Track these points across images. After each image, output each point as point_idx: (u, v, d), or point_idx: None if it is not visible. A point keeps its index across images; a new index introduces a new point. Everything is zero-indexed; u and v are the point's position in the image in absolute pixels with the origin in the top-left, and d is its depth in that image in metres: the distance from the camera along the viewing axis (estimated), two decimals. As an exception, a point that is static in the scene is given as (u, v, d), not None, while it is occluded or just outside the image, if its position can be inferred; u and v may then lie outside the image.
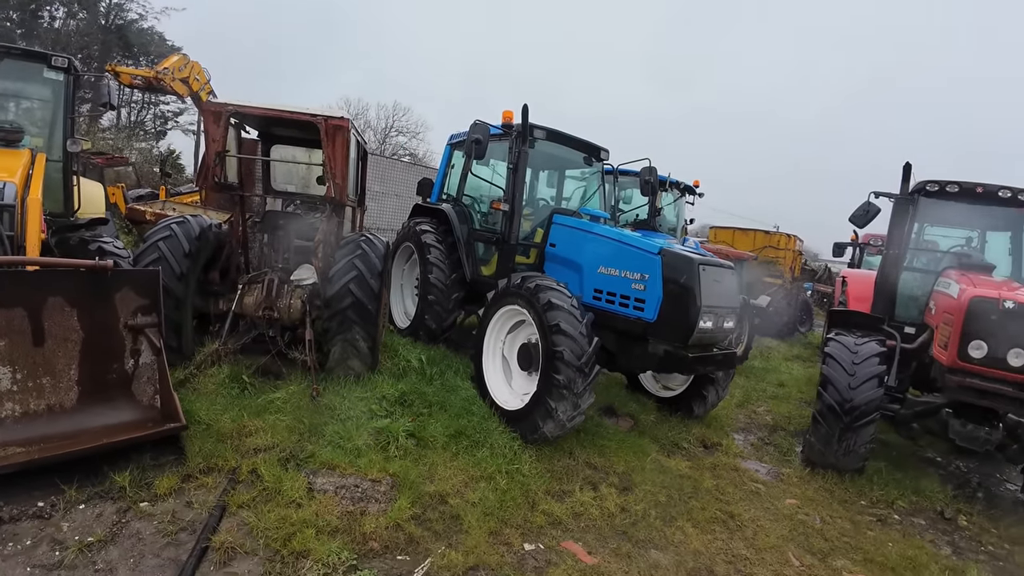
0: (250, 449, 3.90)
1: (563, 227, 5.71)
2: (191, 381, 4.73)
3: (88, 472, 3.29)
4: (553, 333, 4.33)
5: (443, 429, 4.48)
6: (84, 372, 3.80)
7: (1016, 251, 6.27)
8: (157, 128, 29.75)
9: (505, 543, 3.35)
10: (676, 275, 4.58)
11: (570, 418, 4.37)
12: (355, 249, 5.03)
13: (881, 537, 4.28)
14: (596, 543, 3.55)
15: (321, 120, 4.93)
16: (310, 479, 3.64)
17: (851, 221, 6.49)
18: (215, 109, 4.97)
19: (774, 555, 3.77)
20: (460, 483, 3.87)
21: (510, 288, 4.90)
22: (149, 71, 12.29)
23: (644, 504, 4.07)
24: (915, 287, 6.46)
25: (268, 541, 3.01)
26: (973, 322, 4.69)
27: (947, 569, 3.89)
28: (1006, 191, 5.83)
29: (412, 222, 7.00)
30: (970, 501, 5.17)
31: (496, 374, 5.14)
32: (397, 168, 13.58)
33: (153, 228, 5.19)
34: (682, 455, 5.21)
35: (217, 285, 5.52)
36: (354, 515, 3.33)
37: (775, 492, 4.80)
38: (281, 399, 4.58)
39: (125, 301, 4.01)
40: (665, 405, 6.15)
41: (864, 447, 5.03)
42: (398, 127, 36.45)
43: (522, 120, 5.54)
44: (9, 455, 3.21)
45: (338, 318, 4.87)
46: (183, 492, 3.36)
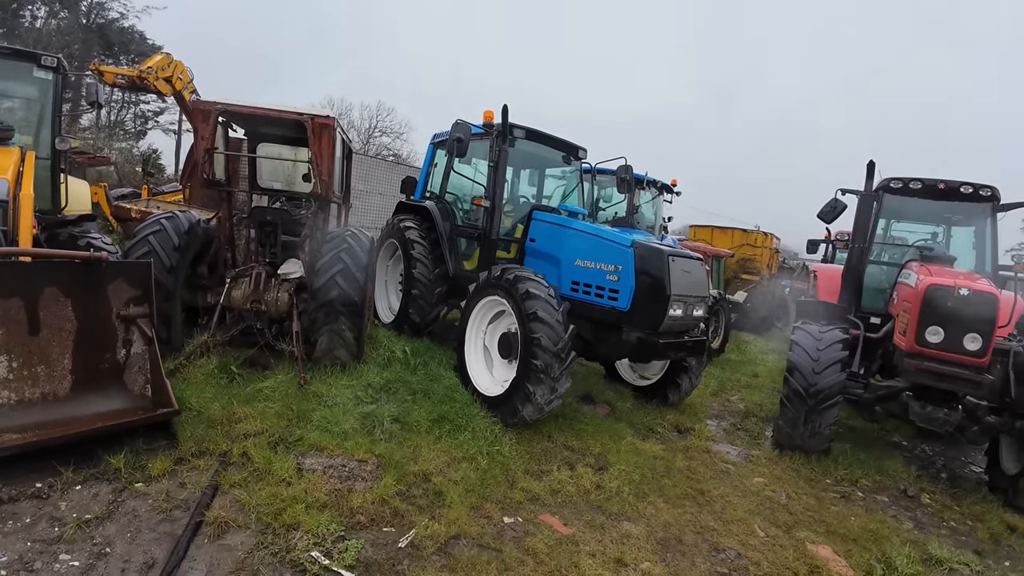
0: (240, 434, 4.04)
1: (542, 223, 5.92)
2: (181, 371, 4.86)
3: (84, 455, 3.41)
4: (531, 321, 4.54)
5: (427, 414, 4.66)
6: (77, 361, 3.91)
7: (979, 245, 6.55)
8: (137, 127, 29.54)
9: (486, 516, 3.54)
10: (647, 266, 4.82)
11: (548, 401, 4.58)
12: (341, 243, 5.20)
13: (844, 512, 4.52)
14: (572, 516, 3.75)
15: (308, 119, 5.09)
16: (299, 460, 3.80)
17: (819, 217, 6.76)
18: (204, 108, 5.10)
19: (741, 527, 4.00)
20: (443, 463, 4.05)
21: (490, 280, 5.10)
22: (133, 70, 12.28)
23: (618, 482, 4.28)
24: (881, 279, 6.76)
25: (260, 516, 3.16)
26: (930, 309, 4.95)
27: (908, 541, 4.10)
28: (967, 187, 6.12)
29: (396, 219, 7.17)
30: (934, 481, 5.44)
31: (478, 363, 5.33)
32: (381, 167, 13.71)
33: (142, 223, 5.31)
34: (656, 439, 5.44)
35: (205, 279, 5.65)
36: (342, 492, 3.50)
37: (744, 471, 5.04)
38: (269, 388, 4.73)
39: (118, 292, 4.14)
40: (641, 393, 6.38)
41: (828, 429, 5.29)
42: (382, 127, 36.45)
43: (502, 119, 5.75)
44: (5, 440, 3.30)
45: (325, 309, 5.03)
46: (176, 474, 3.49)
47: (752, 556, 3.64)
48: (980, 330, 4.79)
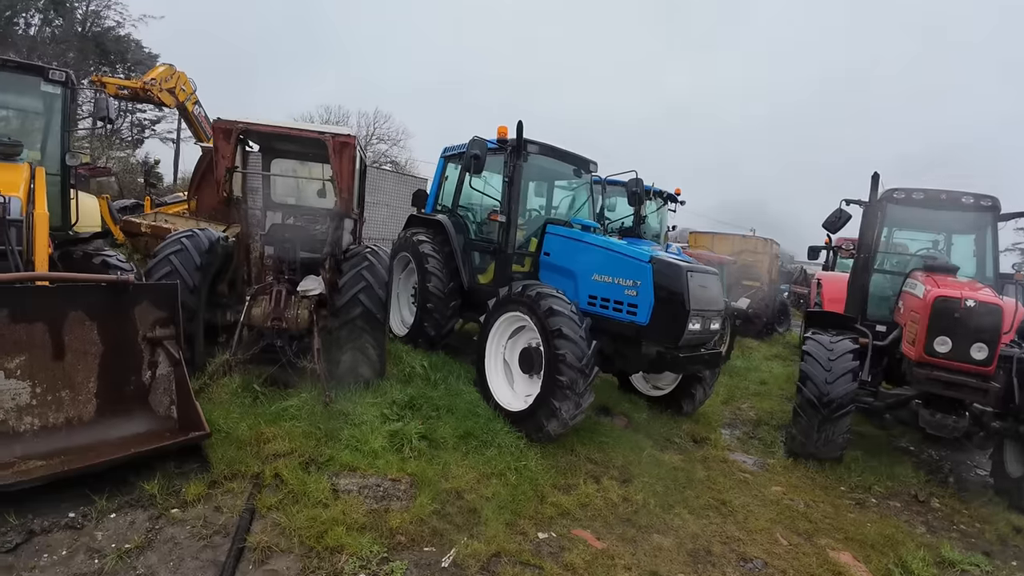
0: (270, 455, 4.07)
1: (557, 236, 6.00)
2: (204, 391, 4.88)
3: (116, 482, 3.40)
4: (555, 337, 4.62)
5: (452, 431, 4.72)
6: (102, 384, 3.90)
7: (980, 253, 6.73)
8: (134, 136, 29.36)
9: (521, 532, 3.62)
10: (666, 282, 4.92)
11: (572, 416, 4.67)
12: (362, 261, 5.25)
13: (860, 518, 4.64)
14: (603, 530, 3.84)
15: (329, 137, 5.15)
16: (333, 481, 3.85)
17: (824, 227, 6.91)
18: (226, 126, 5.14)
19: (764, 536, 4.11)
20: (473, 480, 4.12)
21: (511, 296, 5.18)
22: (136, 82, 12.30)
23: (643, 494, 4.38)
24: (885, 288, 6.91)
25: (302, 539, 3.19)
26: (938, 319, 5.10)
27: (922, 545, 4.26)
28: (968, 197, 6.29)
29: (408, 232, 7.23)
30: (942, 485, 5.59)
31: (498, 377, 5.41)
32: (388, 179, 13.76)
33: (163, 242, 5.33)
34: (674, 449, 5.54)
35: (225, 297, 5.68)
36: (379, 512, 3.56)
37: (762, 480, 5.15)
38: (294, 407, 4.76)
39: (144, 314, 4.15)
40: (655, 404, 6.48)
41: (842, 437, 5.41)
42: (379, 135, 36.46)
43: (517, 135, 5.84)
44: (30, 468, 3.29)
45: (348, 327, 5.08)
46: (211, 498, 3.50)
47: (778, 565, 3.75)
48: (986, 340, 4.95)
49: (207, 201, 10.17)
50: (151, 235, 9.04)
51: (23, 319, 3.58)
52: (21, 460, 3.36)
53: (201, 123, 13.02)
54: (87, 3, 27.93)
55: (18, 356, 3.58)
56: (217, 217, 9.59)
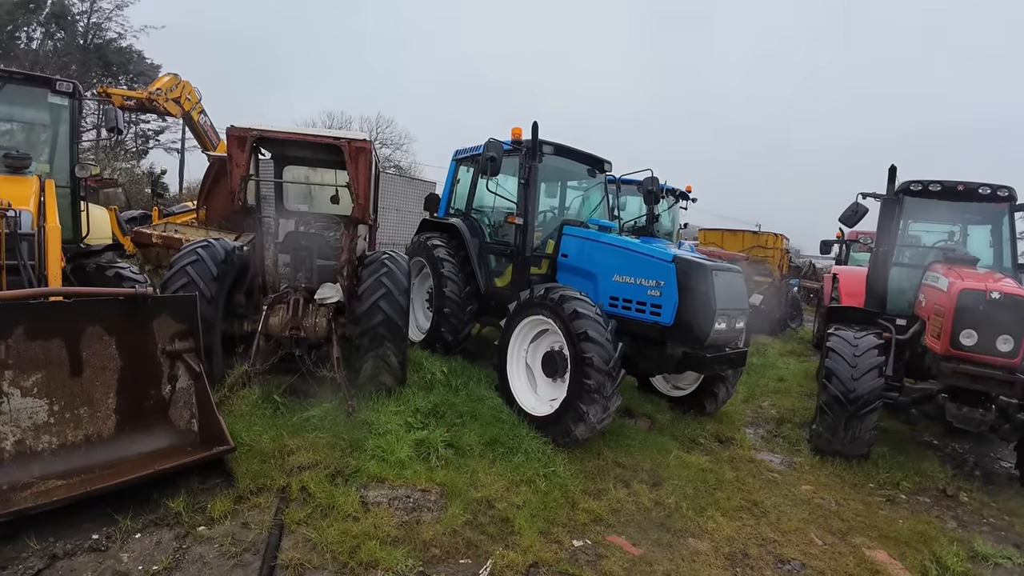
0: (295, 467, 4.01)
1: (575, 238, 5.94)
2: (224, 404, 4.82)
3: (138, 500, 3.33)
4: (581, 340, 4.56)
5: (478, 438, 4.67)
6: (121, 400, 3.83)
7: (996, 243, 6.67)
8: (138, 147, 29.40)
9: (556, 541, 3.57)
10: (691, 281, 4.86)
11: (600, 420, 4.61)
12: (380, 267, 5.19)
13: (892, 515, 4.58)
14: (638, 536, 3.78)
15: (345, 143, 5.09)
16: (361, 493, 3.79)
17: (841, 221, 6.83)
18: (240, 134, 5.09)
19: (799, 536, 4.05)
20: (503, 488, 4.06)
21: (533, 299, 5.12)
22: (142, 92, 12.29)
23: (675, 497, 4.32)
24: (904, 281, 6.82)
25: (335, 555, 3.13)
26: (963, 313, 5.04)
27: (954, 540, 4.21)
28: (985, 188, 6.23)
29: (422, 237, 7.18)
30: (969, 479, 5.53)
31: (521, 382, 5.35)
32: (396, 183, 13.70)
33: (178, 253, 5.28)
34: (701, 450, 5.48)
35: (242, 307, 5.63)
36: (411, 524, 3.51)
37: (791, 480, 5.08)
38: (317, 417, 4.71)
39: (163, 327, 4.08)
40: (677, 404, 6.42)
41: (869, 434, 5.35)
42: (382, 139, 36.49)
43: (532, 136, 5.78)
44: (50, 489, 3.22)
45: (369, 335, 5.02)
46: (238, 514, 3.43)
47: (816, 565, 3.70)
48: (1012, 332, 4.89)
49: (217, 210, 10.15)
50: (162, 246, 9.01)
51: (39, 336, 3.51)
52: (40, 481, 3.28)
53: (207, 132, 13.01)
54: (88, 16, 28.12)
55: (35, 374, 3.50)
56: (227, 226, 9.57)
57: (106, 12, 28.27)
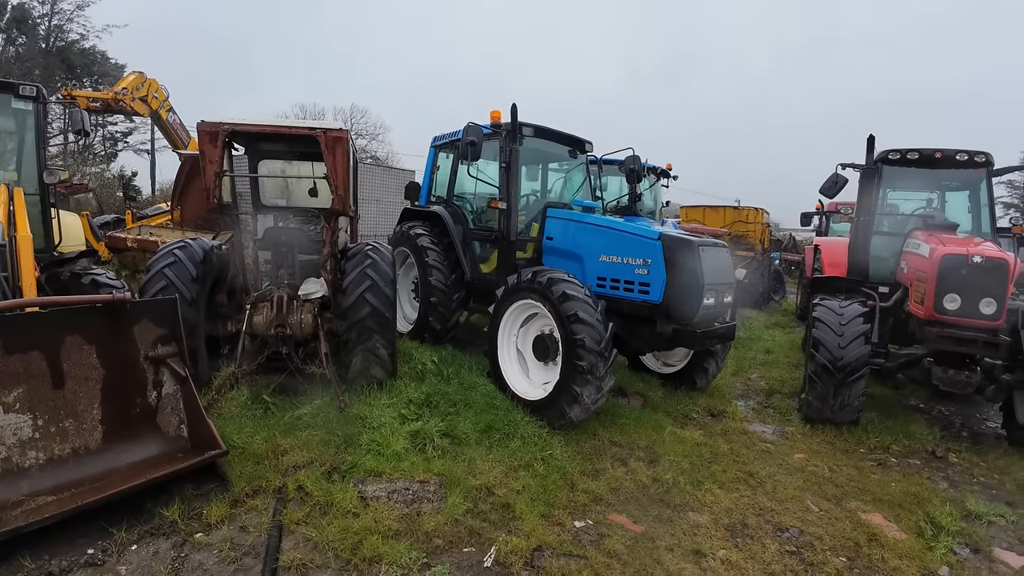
0: (290, 467, 3.96)
1: (559, 220, 5.91)
2: (213, 407, 4.73)
3: (132, 511, 3.26)
4: (572, 322, 4.54)
5: (472, 426, 4.64)
6: (107, 410, 3.75)
7: (974, 209, 6.78)
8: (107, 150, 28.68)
9: (558, 523, 3.57)
10: (678, 258, 4.85)
11: (594, 401, 4.61)
12: (365, 259, 5.11)
13: (884, 479, 4.67)
14: (639, 513, 3.80)
15: (320, 133, 4.96)
16: (359, 488, 3.75)
17: (821, 192, 6.87)
18: (211, 129, 4.93)
19: (795, 504, 4.11)
20: (501, 474, 4.05)
21: (521, 284, 5.08)
22: (107, 93, 11.89)
23: (672, 473, 4.35)
24: (885, 250, 6.91)
25: (337, 552, 3.10)
26: (946, 278, 5.11)
27: (947, 500, 4.29)
28: (963, 154, 6.31)
29: (405, 226, 7.09)
30: (957, 440, 5.65)
31: (513, 367, 5.33)
32: (374, 173, 13.46)
33: (155, 255, 5.14)
34: (694, 425, 5.53)
35: (224, 307, 5.51)
36: (412, 516, 3.48)
37: (783, 449, 5.15)
38: (308, 414, 4.65)
39: (144, 333, 4.00)
40: (668, 381, 6.45)
41: (857, 400, 5.43)
42: (357, 130, 35.98)
43: (511, 119, 5.70)
44: (40, 506, 3.14)
45: (357, 328, 4.95)
46: (235, 517, 3.38)
47: (814, 531, 3.75)
48: (995, 294, 4.97)
49: (192, 210, 9.90)
50: (138, 249, 8.79)
51: (18, 349, 3.41)
52: (30, 498, 3.21)
53: (176, 130, 12.66)
54: (49, 18, 27.29)
55: (16, 388, 3.42)
56: (203, 226, 9.34)
57: (67, 13, 27.56)
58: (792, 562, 3.38)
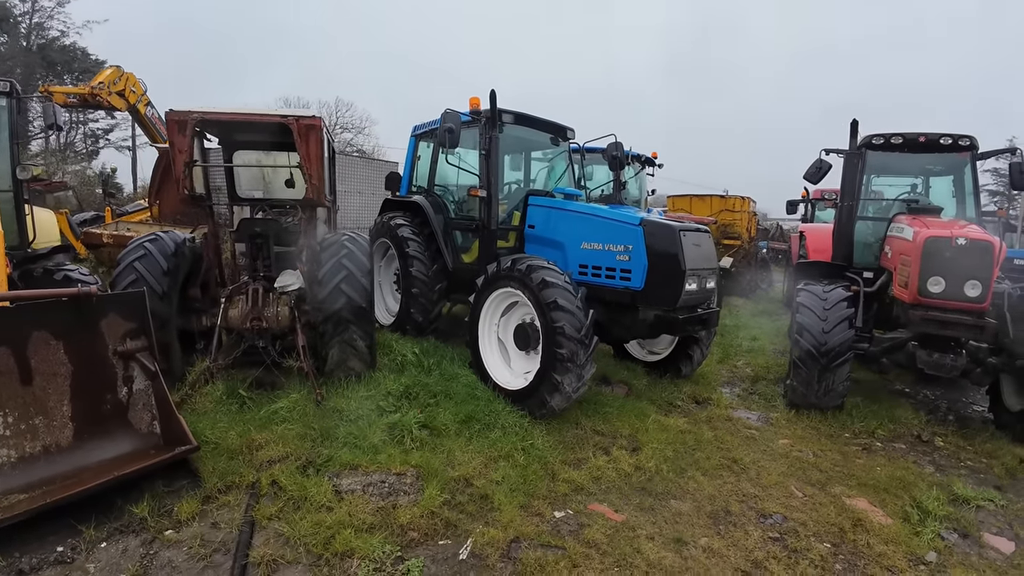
0: (264, 462, 3.88)
1: (540, 208, 5.82)
2: (187, 402, 4.64)
3: (102, 509, 3.20)
4: (552, 310, 4.46)
5: (452, 416, 4.56)
6: (77, 407, 3.68)
7: (959, 193, 6.74)
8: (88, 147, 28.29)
9: (537, 514, 3.49)
10: (659, 243, 4.78)
11: (575, 389, 4.54)
12: (340, 249, 5.00)
13: (869, 463, 4.63)
14: (620, 502, 3.73)
15: (293, 121, 4.84)
16: (334, 481, 3.67)
17: (805, 178, 6.81)
18: (179, 118, 4.80)
19: (779, 490, 4.06)
20: (480, 465, 3.97)
21: (500, 272, 4.99)
22: (84, 88, 11.63)
23: (655, 461, 4.28)
24: (869, 235, 6.88)
25: (308, 547, 3.03)
26: (930, 260, 5.06)
27: (933, 485, 4.25)
28: (946, 138, 6.26)
29: (385, 217, 6.97)
30: (943, 424, 5.63)
31: (494, 357, 5.24)
32: (356, 165, 13.29)
33: (125, 249, 5.01)
34: (679, 412, 5.47)
35: (198, 301, 5.39)
36: (387, 509, 3.40)
37: (768, 435, 5.10)
38: (285, 408, 4.55)
39: (112, 327, 3.91)
40: (653, 369, 6.40)
41: (842, 385, 5.39)
42: (343, 123, 35.72)
43: (490, 105, 5.60)
44: (12, 503, 3.09)
45: (333, 320, 4.85)
46: (206, 514, 3.31)
47: (797, 517, 3.70)
48: (979, 276, 4.92)
49: (170, 204, 9.73)
50: (114, 245, 8.60)
51: (-16, 345, 3.31)
52: (1, 496, 3.16)
53: (155, 124, 12.42)
54: (30, 16, 26.86)
55: (-17, 386, 3.32)
56: (182, 220, 9.18)
57: (47, 11, 27.17)
58: (775, 549, 3.33)
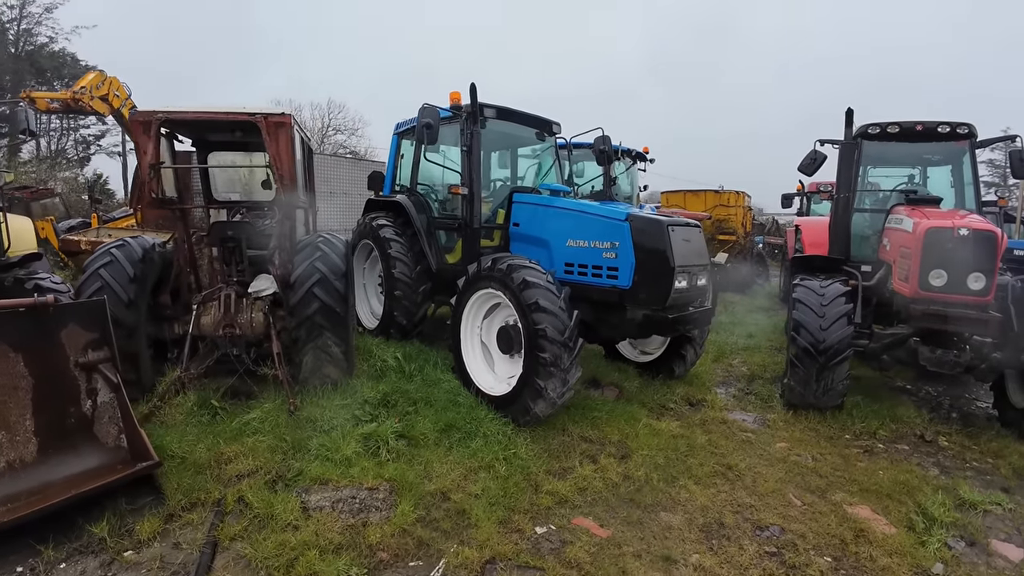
0: (232, 477, 3.68)
1: (525, 205, 5.61)
2: (157, 414, 4.44)
3: (63, 527, 3.05)
4: (533, 312, 4.24)
5: (432, 425, 4.35)
6: (40, 421, 3.51)
7: (957, 183, 6.55)
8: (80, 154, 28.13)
9: (516, 530, 3.28)
10: (646, 239, 4.56)
11: (560, 395, 4.32)
12: (314, 251, 4.79)
13: (871, 467, 4.42)
14: (606, 515, 3.52)
15: (260, 118, 4.63)
16: (303, 498, 3.46)
17: (800, 170, 6.61)
18: (143, 119, 4.60)
19: (776, 498, 3.84)
20: (459, 477, 3.76)
21: (481, 272, 4.78)
22: (65, 93, 11.43)
23: (645, 469, 4.07)
24: (867, 227, 6.68)
25: (270, 571, 2.84)
26: (931, 252, 4.86)
27: (939, 488, 4.04)
28: (944, 126, 6.05)
29: (368, 218, 6.76)
30: (946, 422, 5.42)
31: (477, 361, 5.03)
32: (342, 165, 13.05)
33: (92, 256, 4.81)
34: (671, 416, 5.25)
35: (169, 308, 5.18)
36: (356, 528, 3.19)
37: (765, 438, 4.89)
38: (257, 419, 4.34)
39: (73, 338, 3.72)
40: (646, 369, 6.17)
41: (841, 384, 5.18)
42: (335, 125, 35.52)
43: (471, 100, 5.38)
44: None
45: (306, 325, 4.63)
46: (168, 534, 3.14)
47: (796, 529, 3.49)
48: (983, 269, 4.72)
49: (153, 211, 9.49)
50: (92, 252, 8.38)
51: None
52: (-35, 514, 3.00)
53: (140, 129, 12.20)
54: (19, 23, 26.65)
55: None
56: (165, 225, 8.94)
57: (35, 17, 26.96)
58: (772, 565, 3.12)
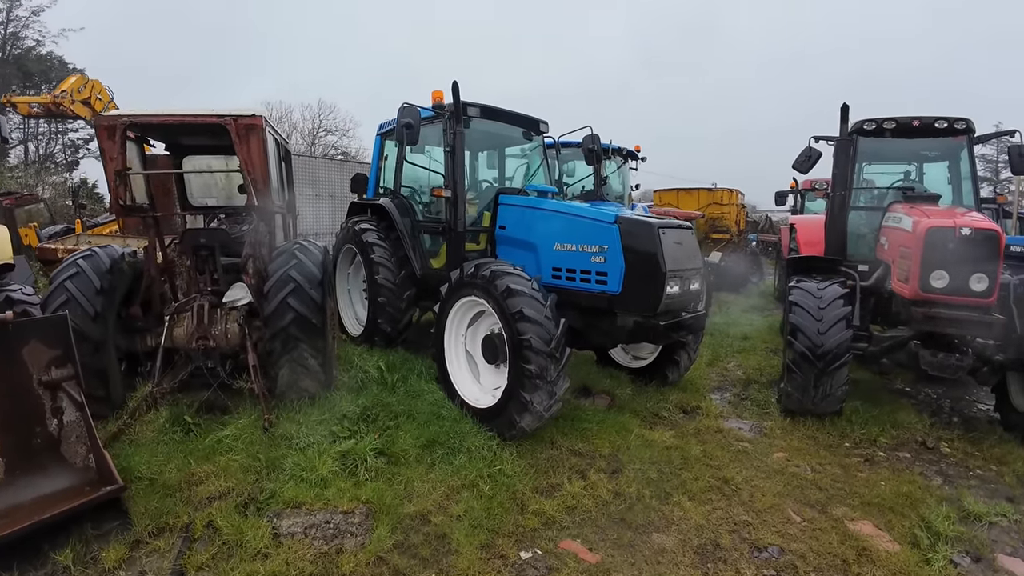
0: (203, 499, 3.49)
1: (511, 207, 5.41)
2: (127, 432, 4.24)
3: (27, 555, 2.88)
4: (517, 321, 4.04)
5: (414, 440, 4.14)
6: (5, 441, 3.37)
7: (955, 179, 6.39)
8: (68, 158, 27.75)
9: (500, 556, 3.08)
10: (636, 243, 4.37)
11: (547, 408, 4.12)
12: (289, 259, 4.58)
13: (872, 477, 4.24)
14: (595, 537, 3.33)
15: (230, 120, 4.42)
16: (274, 523, 3.26)
17: (794, 167, 6.44)
18: (108, 123, 4.38)
19: (775, 514, 3.66)
20: (441, 497, 3.57)
21: (464, 278, 4.58)
22: (46, 97, 11.19)
23: (637, 485, 3.88)
24: (863, 226, 6.51)
25: (235, 604, 2.65)
26: (932, 253, 4.68)
27: (942, 500, 3.88)
28: (942, 121, 5.90)
29: (351, 221, 6.56)
30: (948, 427, 5.25)
31: (462, 372, 4.82)
32: (329, 167, 12.79)
33: (59, 267, 4.59)
34: (665, 425, 5.06)
35: (141, 320, 4.96)
36: (329, 556, 3.00)
37: (762, 448, 4.71)
38: (231, 436, 4.14)
39: (35, 355, 3.55)
40: (638, 375, 5.98)
41: (840, 389, 5.01)
42: (326, 126, 35.27)
43: (453, 99, 5.18)
44: None
45: (281, 337, 4.42)
46: (134, 561, 2.97)
47: (796, 548, 3.30)
48: (986, 269, 4.54)
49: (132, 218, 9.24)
50: (67, 260, 8.12)
51: None
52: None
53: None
54: (5, 27, 26.29)
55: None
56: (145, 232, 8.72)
57: (23, 20, 26.62)
58: (770, 589, 2.94)
